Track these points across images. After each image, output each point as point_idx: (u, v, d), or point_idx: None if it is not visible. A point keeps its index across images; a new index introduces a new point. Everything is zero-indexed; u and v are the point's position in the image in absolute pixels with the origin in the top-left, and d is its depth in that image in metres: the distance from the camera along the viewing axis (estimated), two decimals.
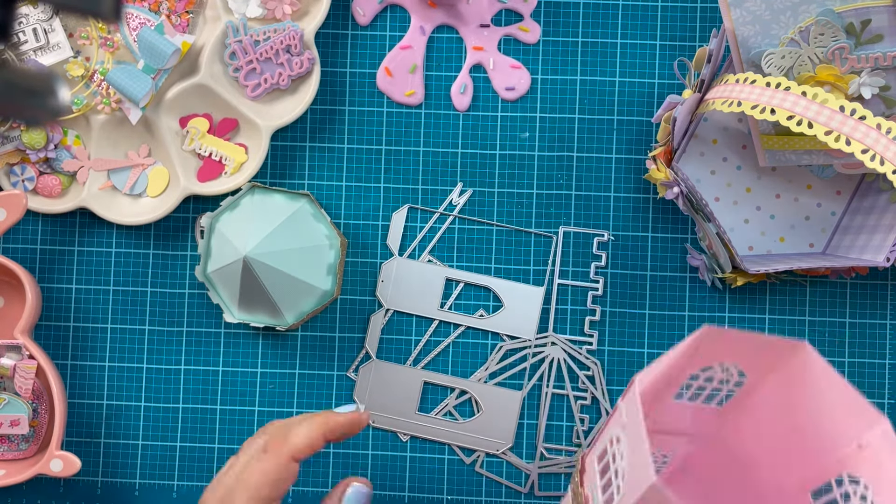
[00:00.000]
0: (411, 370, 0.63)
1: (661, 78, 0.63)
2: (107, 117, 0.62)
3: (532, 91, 0.64)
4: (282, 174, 0.64)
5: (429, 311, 0.63)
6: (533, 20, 0.64)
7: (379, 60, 0.64)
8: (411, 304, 0.63)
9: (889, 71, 0.54)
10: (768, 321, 0.63)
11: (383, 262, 0.63)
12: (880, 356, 0.62)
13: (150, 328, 0.64)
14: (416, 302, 0.63)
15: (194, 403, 0.64)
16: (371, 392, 0.63)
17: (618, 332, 0.63)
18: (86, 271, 0.64)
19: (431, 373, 0.63)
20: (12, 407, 0.59)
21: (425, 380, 0.63)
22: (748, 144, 0.63)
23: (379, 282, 0.63)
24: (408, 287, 0.63)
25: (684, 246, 0.63)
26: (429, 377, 0.63)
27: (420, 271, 0.63)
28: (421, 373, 0.63)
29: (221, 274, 0.58)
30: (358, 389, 0.63)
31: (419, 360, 0.63)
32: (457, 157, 0.64)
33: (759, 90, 0.52)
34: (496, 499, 0.63)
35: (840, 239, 0.62)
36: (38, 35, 0.60)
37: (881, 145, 0.49)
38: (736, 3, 0.54)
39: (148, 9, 0.61)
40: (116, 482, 0.64)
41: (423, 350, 0.63)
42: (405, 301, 0.63)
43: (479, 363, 0.63)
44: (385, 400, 0.63)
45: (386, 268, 0.63)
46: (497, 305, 0.63)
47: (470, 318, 0.63)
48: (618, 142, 0.63)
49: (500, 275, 0.63)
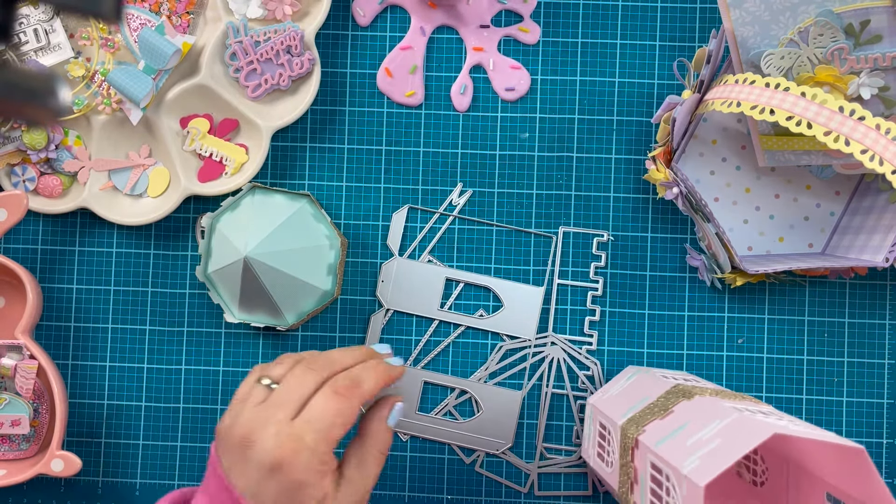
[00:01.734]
0: (411, 370, 0.63)
1: (661, 78, 0.63)
2: (107, 118, 0.62)
3: (532, 91, 0.64)
4: (282, 174, 0.64)
5: (429, 311, 0.63)
6: (533, 21, 0.64)
7: (379, 61, 0.64)
8: (411, 304, 0.63)
9: (888, 71, 0.54)
10: (768, 321, 0.63)
11: (383, 263, 0.63)
12: (879, 356, 0.62)
13: (151, 328, 0.64)
14: (417, 302, 0.63)
15: (195, 403, 0.64)
16: None
17: (617, 332, 0.63)
18: (87, 271, 0.64)
19: (431, 373, 0.63)
20: (13, 407, 0.60)
21: (425, 380, 0.63)
22: (747, 145, 0.63)
23: (379, 282, 0.63)
24: (408, 287, 0.63)
25: (684, 246, 0.63)
26: (429, 377, 0.63)
27: (420, 271, 0.63)
28: (421, 373, 0.63)
29: (222, 274, 0.58)
30: None
31: (419, 360, 0.63)
32: (457, 157, 0.64)
33: (758, 91, 0.52)
34: (496, 498, 0.63)
35: (839, 239, 0.62)
36: (38, 36, 0.60)
37: (880, 145, 0.49)
38: (735, 4, 0.54)
39: (149, 9, 0.61)
40: (117, 482, 0.64)
41: (424, 350, 0.63)
42: (405, 301, 0.63)
43: (479, 363, 0.63)
44: None
45: (386, 268, 0.63)
46: (497, 305, 0.63)
47: (470, 318, 0.63)
48: (617, 142, 0.63)
49: (500, 275, 0.63)
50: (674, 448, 0.45)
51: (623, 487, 0.50)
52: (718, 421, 0.45)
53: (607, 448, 0.54)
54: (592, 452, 0.57)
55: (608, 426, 0.54)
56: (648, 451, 0.47)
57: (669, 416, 0.49)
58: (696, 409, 0.48)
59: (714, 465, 0.41)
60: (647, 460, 0.47)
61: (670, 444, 0.45)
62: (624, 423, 0.51)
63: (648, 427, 0.49)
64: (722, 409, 0.46)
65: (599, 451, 0.55)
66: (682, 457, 0.43)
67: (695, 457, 0.43)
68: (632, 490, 0.48)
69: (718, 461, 0.41)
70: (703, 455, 0.43)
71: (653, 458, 0.46)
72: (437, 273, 0.63)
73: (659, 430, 0.48)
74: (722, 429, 0.44)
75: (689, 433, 0.46)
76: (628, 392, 0.56)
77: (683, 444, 0.45)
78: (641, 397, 0.53)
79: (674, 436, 0.46)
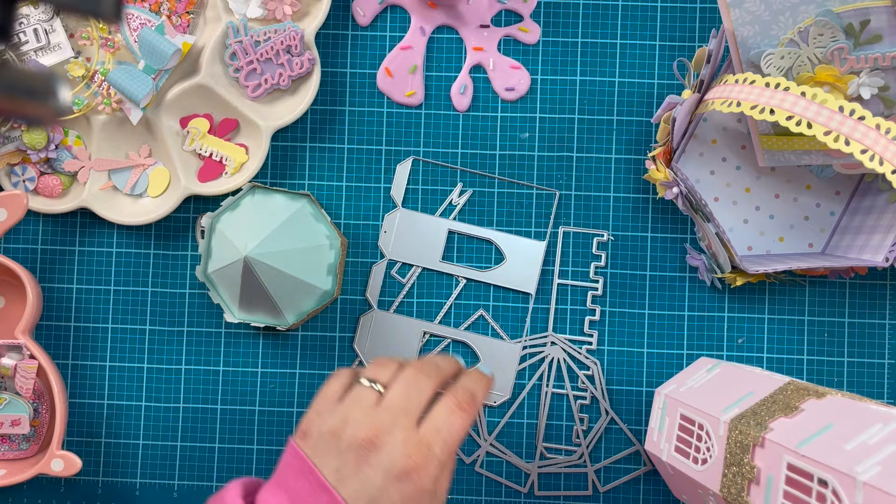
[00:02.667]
0: (411, 320, 0.63)
1: (661, 78, 0.63)
2: (107, 118, 0.62)
3: (532, 91, 0.64)
4: (282, 174, 0.64)
5: (430, 263, 0.63)
6: (533, 21, 0.64)
7: (379, 61, 0.64)
8: (413, 256, 0.63)
9: (888, 71, 0.54)
10: (767, 321, 0.63)
11: (386, 214, 0.63)
12: (879, 356, 0.62)
13: (151, 328, 0.64)
14: (418, 253, 0.63)
15: (194, 403, 0.64)
16: (371, 342, 0.63)
17: (617, 332, 0.63)
18: (87, 271, 0.64)
19: (431, 324, 0.63)
20: (13, 407, 0.60)
21: (425, 330, 0.63)
22: (747, 145, 0.63)
23: (381, 232, 0.63)
24: (410, 238, 0.63)
25: (684, 246, 0.63)
26: (429, 328, 0.63)
27: (422, 223, 0.63)
28: (421, 323, 0.63)
29: (222, 274, 0.58)
30: (358, 339, 0.63)
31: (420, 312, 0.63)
32: (457, 157, 0.64)
33: (758, 90, 0.52)
34: (496, 498, 0.63)
35: (839, 239, 0.62)
36: (38, 35, 0.60)
37: (880, 145, 0.49)
38: (735, 4, 0.54)
39: (149, 9, 0.61)
40: (117, 482, 0.64)
41: (426, 304, 0.63)
42: (406, 252, 0.63)
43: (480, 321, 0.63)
44: (385, 350, 0.63)
45: (388, 219, 0.63)
46: (499, 259, 0.63)
47: (471, 270, 0.63)
48: (617, 142, 0.63)
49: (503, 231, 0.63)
50: (827, 451, 0.41)
51: (735, 487, 0.47)
52: (881, 425, 0.42)
53: (697, 444, 0.51)
54: (668, 447, 0.54)
55: (700, 420, 0.51)
56: (785, 451, 0.43)
57: (799, 414, 0.46)
58: (835, 409, 0.45)
59: None
60: (781, 461, 0.44)
61: (821, 445, 0.42)
62: (732, 418, 0.48)
63: (774, 425, 0.46)
64: (874, 412, 0.44)
65: (682, 447, 0.53)
66: (850, 462, 0.40)
67: (870, 464, 0.39)
68: (748, 491, 0.46)
69: None
70: (885, 461, 0.39)
71: (793, 460, 0.43)
72: (439, 225, 0.63)
73: (793, 430, 0.45)
74: (892, 433, 0.41)
75: (841, 436, 0.42)
76: (717, 386, 0.53)
77: (840, 447, 0.41)
78: (742, 393, 0.51)
79: (820, 436, 0.43)
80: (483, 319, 0.63)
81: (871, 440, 0.41)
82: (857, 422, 0.43)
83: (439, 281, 0.63)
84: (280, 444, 0.63)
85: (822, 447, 0.42)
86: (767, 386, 0.51)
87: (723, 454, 0.48)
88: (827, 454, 0.41)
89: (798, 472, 0.42)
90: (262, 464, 0.63)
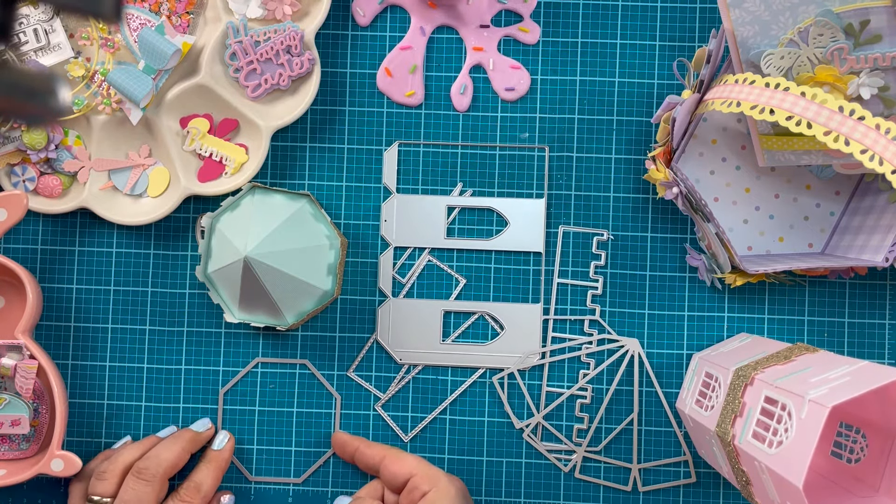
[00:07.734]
0: (429, 302, 0.63)
1: (661, 78, 0.63)
2: (107, 118, 0.62)
3: (532, 91, 0.64)
4: (282, 174, 0.64)
5: (434, 242, 0.63)
6: (533, 21, 0.64)
7: (379, 61, 0.64)
8: (416, 238, 0.63)
9: (888, 71, 0.54)
10: (767, 321, 0.63)
11: (383, 202, 0.63)
12: (879, 356, 0.62)
13: (151, 328, 0.64)
14: (421, 235, 0.63)
15: (194, 403, 0.64)
16: (394, 331, 0.63)
17: (617, 332, 0.63)
18: (86, 271, 0.64)
19: (450, 301, 0.63)
20: (13, 407, 0.60)
21: (445, 309, 0.63)
22: (747, 145, 0.63)
23: (382, 222, 0.63)
24: (410, 222, 0.63)
25: (684, 246, 0.63)
26: (447, 305, 0.63)
27: (420, 204, 0.63)
28: (440, 303, 0.63)
29: (222, 274, 0.58)
30: (380, 331, 0.63)
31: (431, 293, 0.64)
32: (457, 157, 0.64)
33: (758, 90, 0.52)
34: (496, 498, 0.63)
35: (839, 239, 0.62)
36: (38, 36, 0.60)
37: (880, 145, 0.49)
38: (735, 4, 0.54)
39: (148, 9, 0.61)
40: None
41: (438, 284, 0.63)
42: (410, 236, 0.63)
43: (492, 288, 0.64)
44: (408, 335, 0.63)
45: (386, 207, 0.63)
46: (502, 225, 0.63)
47: (475, 241, 0.63)
48: (617, 142, 0.63)
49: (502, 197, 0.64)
50: (796, 383, 0.48)
51: (723, 424, 0.52)
52: (847, 366, 0.48)
53: (710, 394, 0.56)
54: (690, 401, 0.58)
55: (716, 374, 0.55)
56: (765, 385, 0.49)
57: (791, 363, 0.52)
58: (821, 359, 0.52)
59: (842, 393, 0.44)
60: (760, 394, 0.49)
61: (793, 380, 0.48)
62: (738, 367, 0.53)
63: (767, 370, 0.51)
64: (849, 360, 0.50)
65: (699, 399, 0.57)
66: (807, 388, 0.46)
67: (822, 388, 0.45)
68: (733, 423, 0.51)
69: (847, 391, 0.44)
70: (832, 387, 0.45)
71: (769, 392, 0.49)
72: (436, 203, 0.63)
73: (779, 372, 0.50)
74: (852, 371, 0.47)
75: (813, 374, 0.48)
76: (742, 349, 0.58)
77: (806, 380, 0.48)
78: (758, 352, 0.56)
79: (796, 374, 0.49)
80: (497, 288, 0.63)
81: (832, 376, 0.48)
82: (831, 366, 0.50)
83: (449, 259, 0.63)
84: (280, 444, 0.63)
85: (794, 381, 0.48)
86: (779, 346, 0.56)
87: (723, 397, 0.53)
88: (794, 385, 0.48)
89: (770, 402, 0.49)
90: (262, 463, 0.63)
